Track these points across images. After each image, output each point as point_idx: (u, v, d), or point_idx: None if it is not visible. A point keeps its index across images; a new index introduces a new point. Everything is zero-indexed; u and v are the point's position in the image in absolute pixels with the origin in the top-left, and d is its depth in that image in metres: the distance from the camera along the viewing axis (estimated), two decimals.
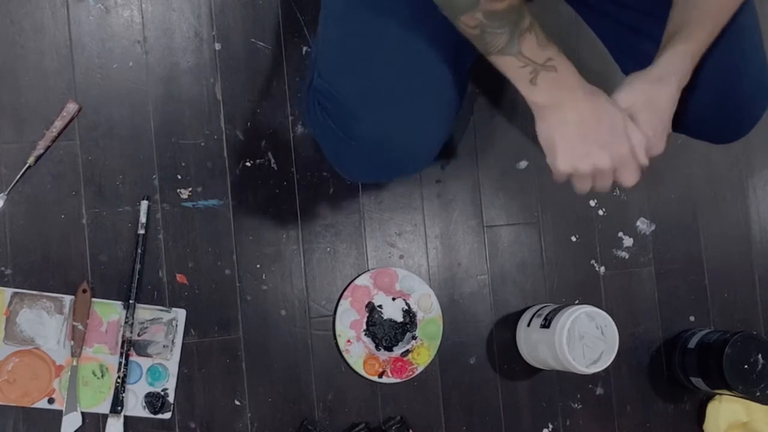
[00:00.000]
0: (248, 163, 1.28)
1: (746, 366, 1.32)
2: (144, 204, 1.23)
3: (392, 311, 1.31)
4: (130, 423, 1.21)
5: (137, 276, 1.21)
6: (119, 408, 1.20)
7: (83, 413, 1.19)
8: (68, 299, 1.20)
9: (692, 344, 1.38)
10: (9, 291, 1.18)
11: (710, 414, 1.42)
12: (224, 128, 1.28)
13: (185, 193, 1.26)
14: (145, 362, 1.22)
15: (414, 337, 1.31)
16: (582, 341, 1.24)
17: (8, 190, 1.20)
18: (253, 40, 1.30)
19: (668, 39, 0.98)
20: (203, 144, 1.27)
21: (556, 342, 1.23)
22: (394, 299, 1.32)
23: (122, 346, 1.20)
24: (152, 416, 1.22)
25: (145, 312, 1.22)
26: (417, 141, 1.01)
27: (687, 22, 0.97)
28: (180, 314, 1.23)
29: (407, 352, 1.31)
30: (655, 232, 1.45)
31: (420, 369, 1.31)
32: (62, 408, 1.19)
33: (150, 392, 1.22)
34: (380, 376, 1.29)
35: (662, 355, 1.43)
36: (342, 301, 1.29)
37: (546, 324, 1.27)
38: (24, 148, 1.20)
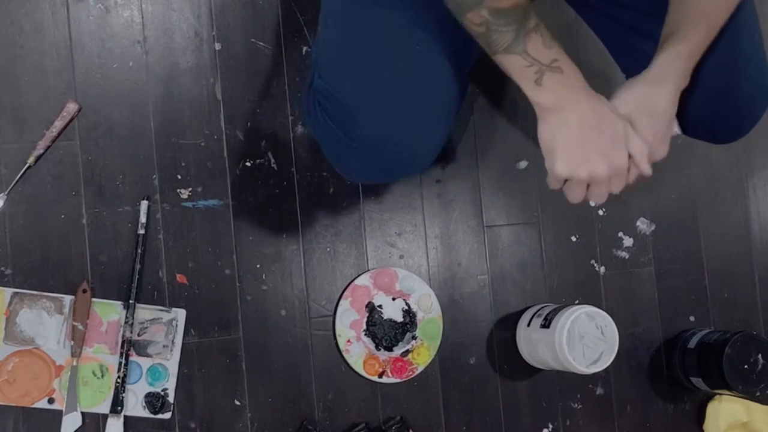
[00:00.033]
0: (248, 163, 1.28)
1: (746, 366, 1.32)
2: (144, 204, 1.23)
3: (392, 311, 1.31)
4: (130, 423, 1.21)
5: (137, 276, 1.21)
6: (119, 408, 1.20)
7: (83, 413, 1.19)
8: (68, 299, 1.20)
9: (692, 344, 1.38)
10: (9, 291, 1.18)
11: (710, 414, 1.41)
12: (224, 128, 1.27)
13: (185, 193, 1.26)
14: (145, 362, 1.22)
15: (414, 337, 1.31)
16: (582, 341, 1.24)
17: (8, 190, 1.20)
18: (253, 40, 1.30)
19: (665, 40, 0.98)
20: (203, 144, 1.27)
21: (556, 342, 1.23)
22: (394, 299, 1.32)
23: (122, 346, 1.20)
24: (152, 416, 1.22)
25: (145, 312, 1.22)
26: (417, 141, 1.00)
27: (683, 23, 0.97)
28: (180, 314, 1.23)
29: (407, 352, 1.31)
30: (655, 232, 1.45)
31: (420, 369, 1.31)
32: (62, 408, 1.19)
33: (150, 392, 1.22)
34: (380, 376, 1.29)
35: (662, 355, 1.43)
36: (342, 301, 1.29)
37: (546, 324, 1.27)
38: (24, 148, 1.20)
